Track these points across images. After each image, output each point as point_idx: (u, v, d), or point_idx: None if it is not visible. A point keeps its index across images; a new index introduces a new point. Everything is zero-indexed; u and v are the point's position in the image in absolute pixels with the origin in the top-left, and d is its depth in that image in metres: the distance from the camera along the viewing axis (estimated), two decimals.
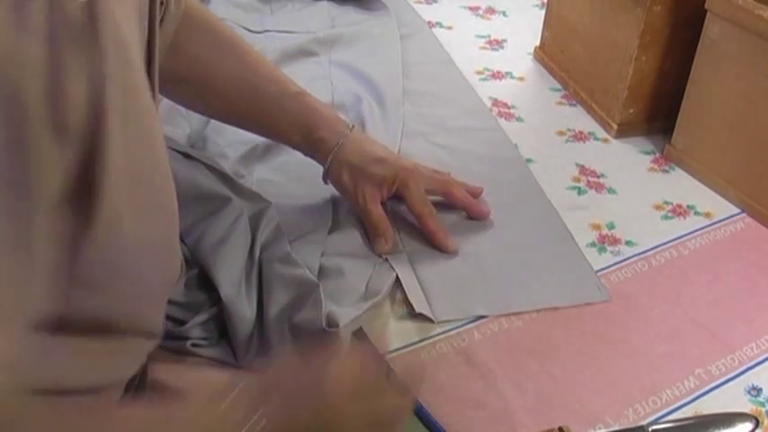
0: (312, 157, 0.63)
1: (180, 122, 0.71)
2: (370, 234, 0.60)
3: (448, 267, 0.59)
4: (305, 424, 0.36)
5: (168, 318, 0.51)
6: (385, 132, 0.74)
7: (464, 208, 0.63)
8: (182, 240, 0.54)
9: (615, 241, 0.62)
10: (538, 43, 0.89)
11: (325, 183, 0.64)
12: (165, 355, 0.50)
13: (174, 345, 0.50)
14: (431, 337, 0.53)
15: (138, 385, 0.43)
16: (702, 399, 0.49)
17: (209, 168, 0.58)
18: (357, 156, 0.61)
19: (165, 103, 0.69)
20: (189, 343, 0.50)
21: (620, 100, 0.74)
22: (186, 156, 0.57)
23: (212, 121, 0.72)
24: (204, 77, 0.59)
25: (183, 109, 0.72)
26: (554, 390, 0.50)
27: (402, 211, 0.63)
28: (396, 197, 0.63)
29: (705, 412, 0.48)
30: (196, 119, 0.71)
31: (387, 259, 0.59)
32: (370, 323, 0.53)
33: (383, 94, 0.79)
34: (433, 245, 0.60)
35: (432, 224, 0.61)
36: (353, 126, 0.63)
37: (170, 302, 0.51)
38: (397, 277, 0.57)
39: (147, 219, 0.36)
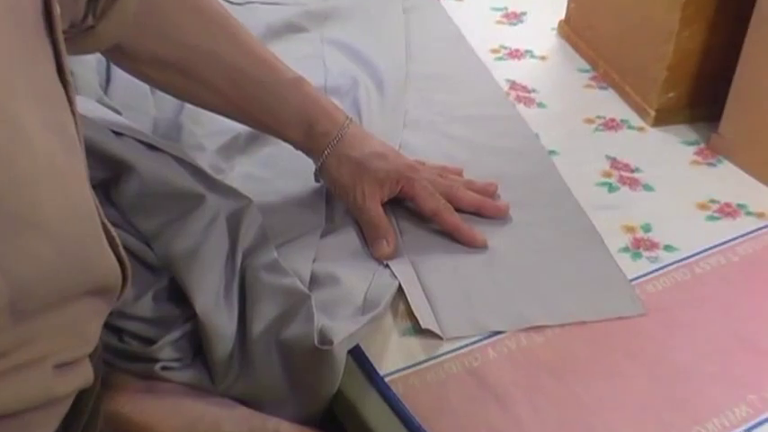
0: (306, 152, 0.64)
1: (143, 106, 0.72)
2: (368, 237, 0.61)
3: (458, 275, 0.59)
4: None
5: (134, 337, 0.52)
6: (384, 122, 0.75)
7: (476, 212, 0.64)
8: (149, 246, 0.55)
9: (652, 246, 0.63)
10: (563, 17, 0.90)
11: (317, 181, 0.65)
12: (128, 382, 0.51)
13: (140, 368, 0.51)
14: (439, 355, 0.54)
15: (89, 422, 0.43)
16: (756, 430, 0.50)
17: (179, 161, 0.58)
18: (357, 149, 0.62)
19: (125, 82, 0.70)
20: (159, 366, 0.51)
21: (658, 82, 0.75)
22: (151, 147, 0.58)
23: (187, 106, 0.73)
24: (191, 64, 0.60)
25: (148, 90, 0.73)
26: (579, 416, 0.50)
27: (403, 211, 0.64)
28: (396, 199, 0.64)
29: None
30: (168, 103, 0.72)
31: (388, 266, 0.59)
32: (368, 340, 0.54)
33: (383, 77, 0.80)
34: (460, 242, 0.61)
35: (452, 219, 0.62)
36: (351, 117, 0.64)
37: (136, 319, 0.52)
38: (400, 287, 0.57)
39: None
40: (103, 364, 0.49)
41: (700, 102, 0.76)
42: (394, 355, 0.54)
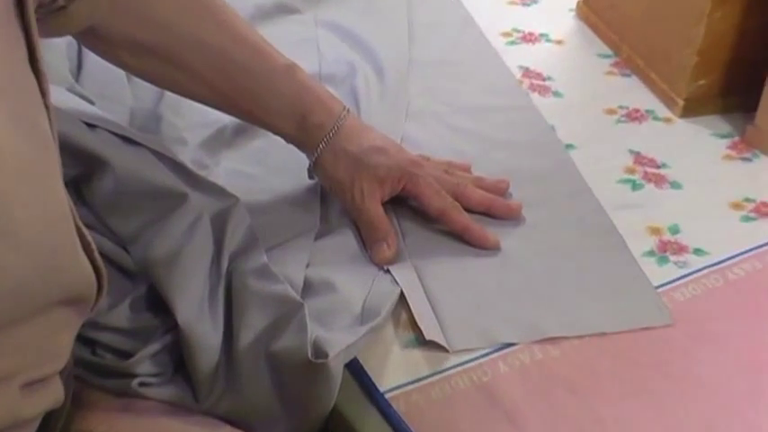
0: (299, 146, 0.64)
1: (119, 95, 0.72)
2: (367, 239, 0.62)
3: (466, 282, 0.60)
4: None
5: (109, 349, 0.53)
6: (384, 113, 0.75)
7: (486, 212, 0.64)
8: (125, 250, 0.55)
9: (680, 249, 0.63)
10: None
11: (311, 177, 0.65)
12: (102, 399, 0.51)
13: (115, 384, 0.51)
14: (445, 370, 0.54)
15: None
16: None
17: (158, 156, 0.58)
18: (355, 143, 0.62)
19: (99, 68, 0.70)
20: (136, 382, 0.51)
21: (687, 69, 0.75)
22: (128, 141, 0.58)
23: (167, 95, 0.73)
24: (172, 48, 0.60)
25: (124, 77, 0.73)
26: None
27: (406, 211, 0.65)
28: (397, 198, 0.64)
29: None
30: (146, 92, 0.73)
31: (389, 271, 0.60)
32: (367, 352, 0.54)
33: (383, 63, 0.80)
34: (470, 244, 0.62)
35: (461, 219, 0.62)
36: (348, 107, 0.64)
37: (111, 330, 0.52)
38: (402, 294, 0.58)
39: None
40: (74, 381, 0.49)
41: (733, 90, 0.77)
42: (395, 369, 0.54)
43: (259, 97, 0.62)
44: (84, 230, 0.39)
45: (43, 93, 0.38)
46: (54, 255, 0.36)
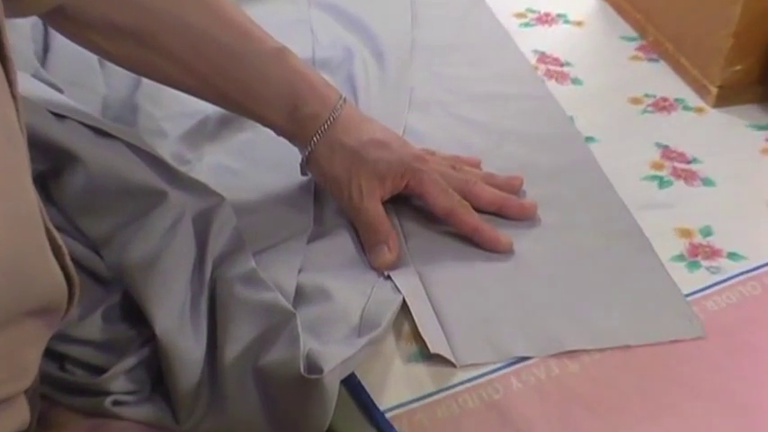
0: (291, 139, 0.64)
1: (90, 81, 0.72)
2: (366, 242, 0.62)
3: (475, 289, 0.60)
4: None
5: (79, 364, 0.53)
6: (385, 103, 0.75)
7: (497, 211, 0.64)
8: (97, 254, 0.55)
9: (713, 253, 0.63)
10: None
11: (304, 174, 0.65)
12: (71, 420, 0.51)
13: (86, 403, 0.51)
14: (452, 386, 0.54)
15: None
16: None
17: (134, 150, 0.58)
18: (353, 136, 0.62)
19: (68, 52, 0.70)
20: (109, 400, 0.51)
21: (721, 53, 0.75)
22: (101, 133, 0.58)
23: (144, 83, 0.73)
24: (150, 30, 0.60)
25: (96, 61, 0.73)
26: None
27: (409, 211, 0.65)
28: (400, 196, 0.64)
29: None
30: (121, 78, 0.73)
31: (389, 277, 0.60)
32: (366, 367, 0.54)
33: (383, 47, 0.81)
34: (481, 246, 0.62)
35: (470, 220, 0.62)
36: (344, 96, 0.64)
37: (82, 343, 0.53)
38: (404, 302, 0.58)
39: None
40: (40, 400, 0.49)
41: None
42: (397, 385, 0.54)
43: (246, 84, 0.62)
44: (55, 232, 0.39)
45: (10, 82, 0.38)
46: (22, 259, 0.36)
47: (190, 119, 0.71)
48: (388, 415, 0.52)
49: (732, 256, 0.63)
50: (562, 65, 0.82)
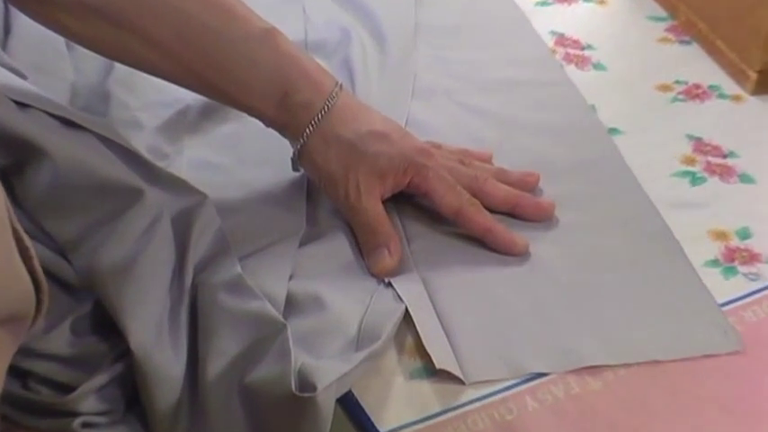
0: (281, 130, 0.64)
1: (57, 67, 0.72)
2: (364, 245, 0.62)
3: (486, 297, 0.60)
4: None
5: (44, 382, 0.52)
6: (386, 90, 0.75)
7: (511, 211, 0.64)
8: (65, 259, 0.55)
9: (751, 258, 0.63)
10: None
11: (296, 169, 0.65)
12: None
13: (52, 425, 0.51)
14: (459, 405, 0.54)
15: None
16: None
17: (107, 143, 0.58)
18: (351, 127, 0.62)
19: (32, 34, 0.70)
20: (78, 422, 0.51)
21: (761, 33, 0.75)
22: (69, 124, 0.58)
23: (117, 68, 0.73)
24: (123, 9, 0.60)
25: (63, 44, 0.73)
26: None
27: (412, 210, 0.65)
28: (402, 194, 0.64)
29: None
30: (92, 64, 0.73)
31: (390, 284, 0.60)
32: (364, 384, 0.54)
33: (383, 28, 0.81)
34: (494, 249, 0.62)
35: (481, 220, 0.62)
36: (341, 83, 0.64)
37: (48, 357, 0.52)
38: (407, 313, 0.58)
39: None
40: (1, 421, 0.49)
41: None
42: (399, 404, 0.54)
43: (230, 70, 0.62)
44: (22, 233, 0.39)
45: None
46: None
47: (168, 108, 0.71)
48: None
49: None
50: (583, 48, 0.82)
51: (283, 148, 0.65)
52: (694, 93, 0.78)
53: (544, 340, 0.57)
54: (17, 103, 0.57)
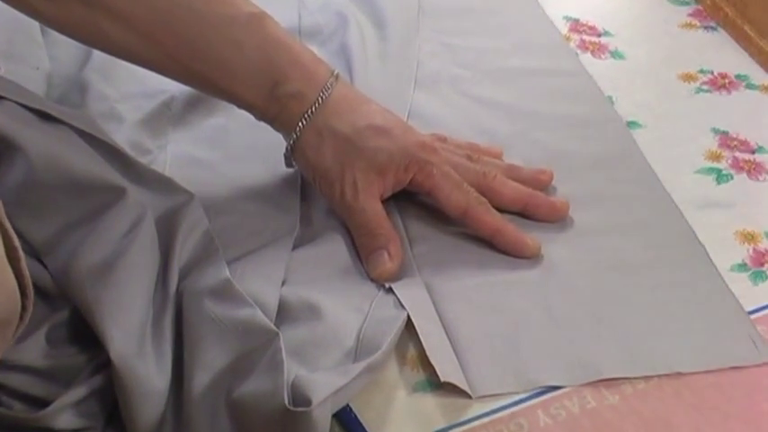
0: (272, 123, 0.64)
1: (30, 55, 0.72)
2: (362, 247, 0.62)
3: (494, 304, 0.60)
4: None
5: (17, 395, 0.52)
6: (386, 79, 0.75)
7: (522, 211, 0.65)
8: (40, 262, 0.55)
9: None
10: None
11: (289, 165, 0.66)
12: None
13: None
14: (466, 421, 0.54)
15: None
16: None
17: (85, 138, 0.58)
18: (347, 120, 0.63)
19: (2, 19, 0.70)
20: None
21: None
22: (44, 116, 0.58)
23: (95, 55, 0.73)
24: None
25: (38, 30, 0.73)
26: None
27: (415, 210, 0.65)
28: (404, 193, 0.64)
29: None
30: (68, 51, 0.73)
31: (391, 290, 0.60)
32: (363, 398, 0.54)
33: (384, 11, 0.81)
34: (504, 251, 0.62)
35: (490, 220, 0.62)
36: (337, 72, 0.64)
37: (20, 369, 0.52)
38: (409, 321, 0.58)
39: None
40: None
41: None
42: (400, 419, 0.54)
43: (216, 57, 0.62)
44: (11, 231, 0.39)
45: None
46: None
47: (150, 100, 0.71)
48: None
49: None
50: (600, 35, 0.82)
51: (275, 143, 0.65)
52: (720, 83, 0.78)
53: (557, 351, 0.57)
54: None
